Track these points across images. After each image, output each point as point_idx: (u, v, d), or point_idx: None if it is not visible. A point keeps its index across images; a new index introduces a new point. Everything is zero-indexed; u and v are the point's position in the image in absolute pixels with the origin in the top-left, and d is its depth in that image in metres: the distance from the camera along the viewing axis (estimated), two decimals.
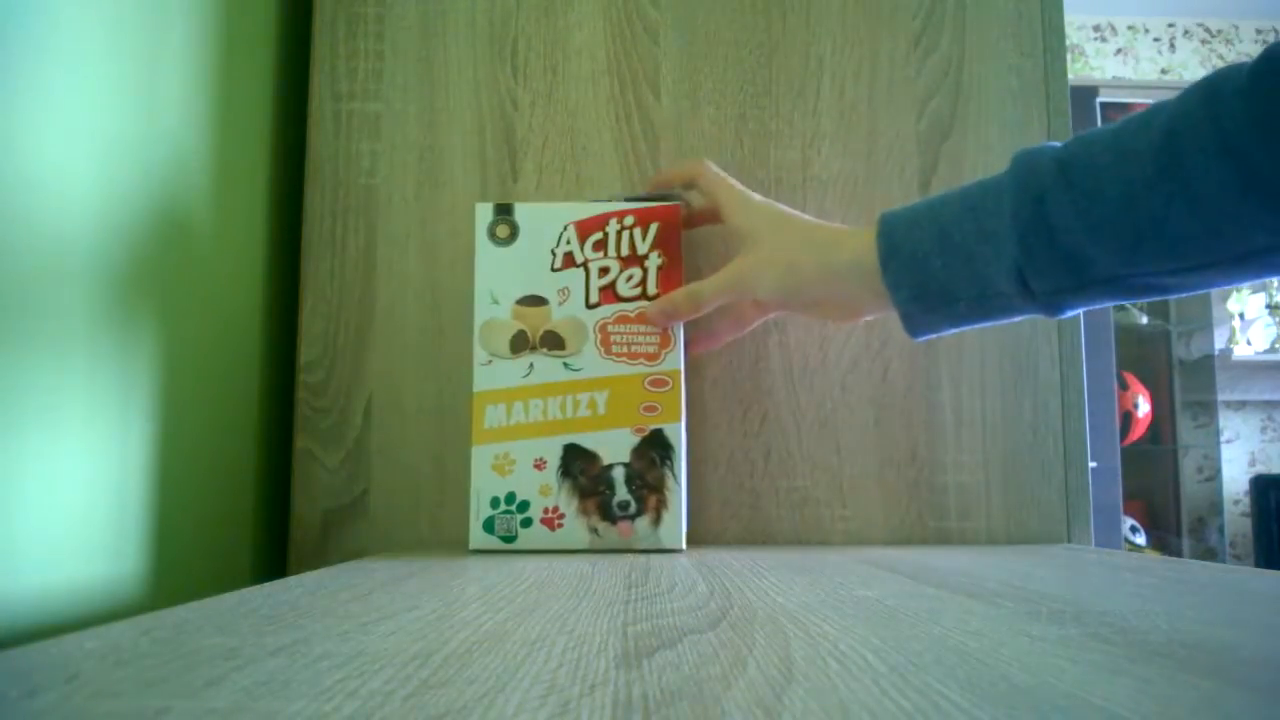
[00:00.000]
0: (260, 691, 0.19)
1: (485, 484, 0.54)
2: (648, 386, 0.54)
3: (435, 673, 0.21)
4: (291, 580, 0.40)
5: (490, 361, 0.55)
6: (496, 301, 0.55)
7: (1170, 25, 2.86)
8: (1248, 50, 2.84)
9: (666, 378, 0.54)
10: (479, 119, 0.65)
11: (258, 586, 0.37)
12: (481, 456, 0.54)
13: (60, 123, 0.39)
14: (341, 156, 0.64)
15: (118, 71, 0.43)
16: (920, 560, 0.49)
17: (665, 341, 0.55)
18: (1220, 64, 2.81)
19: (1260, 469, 2.63)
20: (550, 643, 0.25)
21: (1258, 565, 2.32)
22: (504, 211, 0.56)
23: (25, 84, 0.37)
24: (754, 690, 0.19)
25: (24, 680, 0.21)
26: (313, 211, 0.64)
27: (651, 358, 0.54)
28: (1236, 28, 2.89)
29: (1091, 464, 0.66)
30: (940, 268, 0.44)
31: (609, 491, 0.54)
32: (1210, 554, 2.50)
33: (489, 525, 0.54)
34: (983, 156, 0.66)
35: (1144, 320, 2.52)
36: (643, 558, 0.51)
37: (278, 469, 0.62)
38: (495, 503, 0.54)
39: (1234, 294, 2.55)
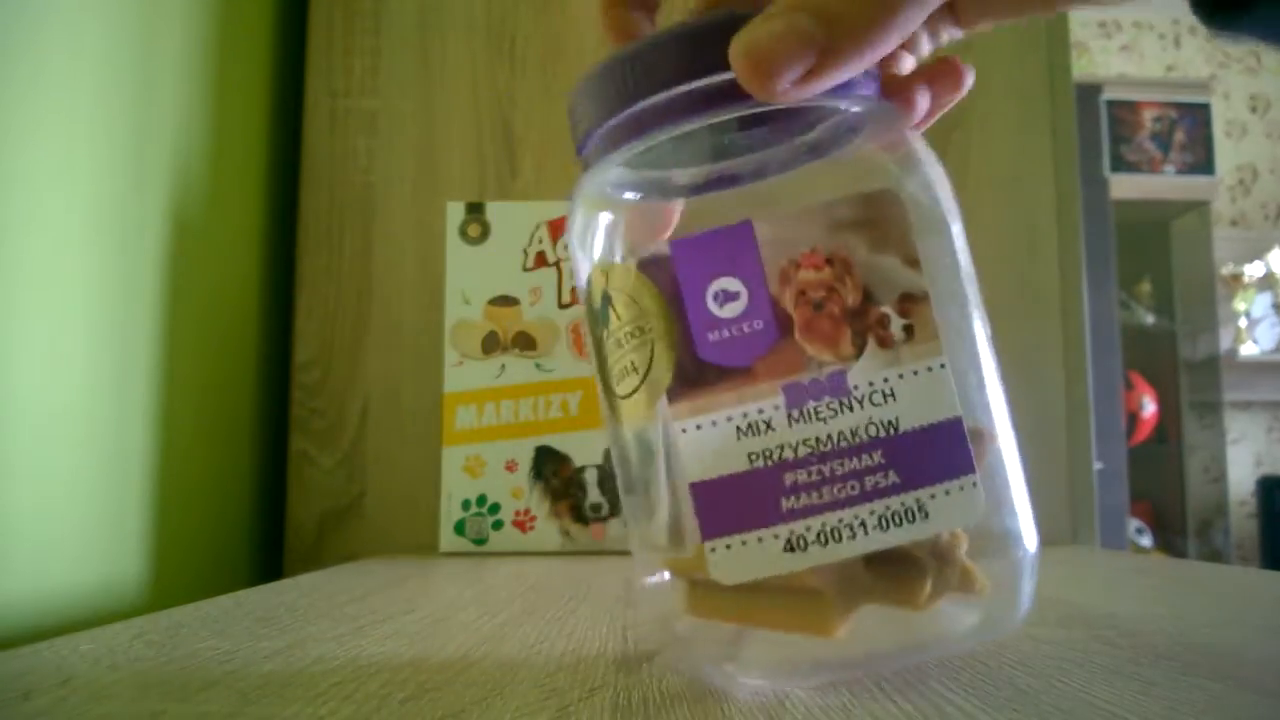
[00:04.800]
0: (256, 695, 0.19)
1: (456, 486, 0.54)
2: None
3: (432, 676, 0.21)
4: (287, 583, 0.40)
5: (461, 362, 0.54)
6: (468, 301, 0.55)
7: (1175, 22, 2.86)
8: (1253, 47, 2.83)
9: None
10: (477, 115, 0.65)
11: (253, 589, 0.37)
12: (452, 458, 0.54)
13: (56, 120, 0.39)
14: (338, 153, 0.64)
15: (113, 68, 0.43)
16: None
17: None
18: (1226, 61, 2.80)
19: (1266, 470, 2.62)
20: (549, 646, 0.25)
21: (1263, 567, 2.32)
22: (475, 210, 0.56)
23: (20, 80, 0.36)
24: (756, 694, 0.19)
25: (19, 682, 0.20)
26: (309, 209, 0.63)
27: None
28: None
29: (1097, 465, 0.65)
30: None
31: (581, 494, 0.53)
32: (1216, 556, 2.49)
33: (460, 527, 0.53)
34: (987, 154, 0.66)
35: (1150, 320, 2.52)
36: None
37: (273, 470, 0.62)
38: (466, 505, 0.54)
39: (1240, 293, 2.54)
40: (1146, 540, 2.37)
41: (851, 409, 0.18)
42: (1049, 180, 0.66)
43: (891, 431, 0.18)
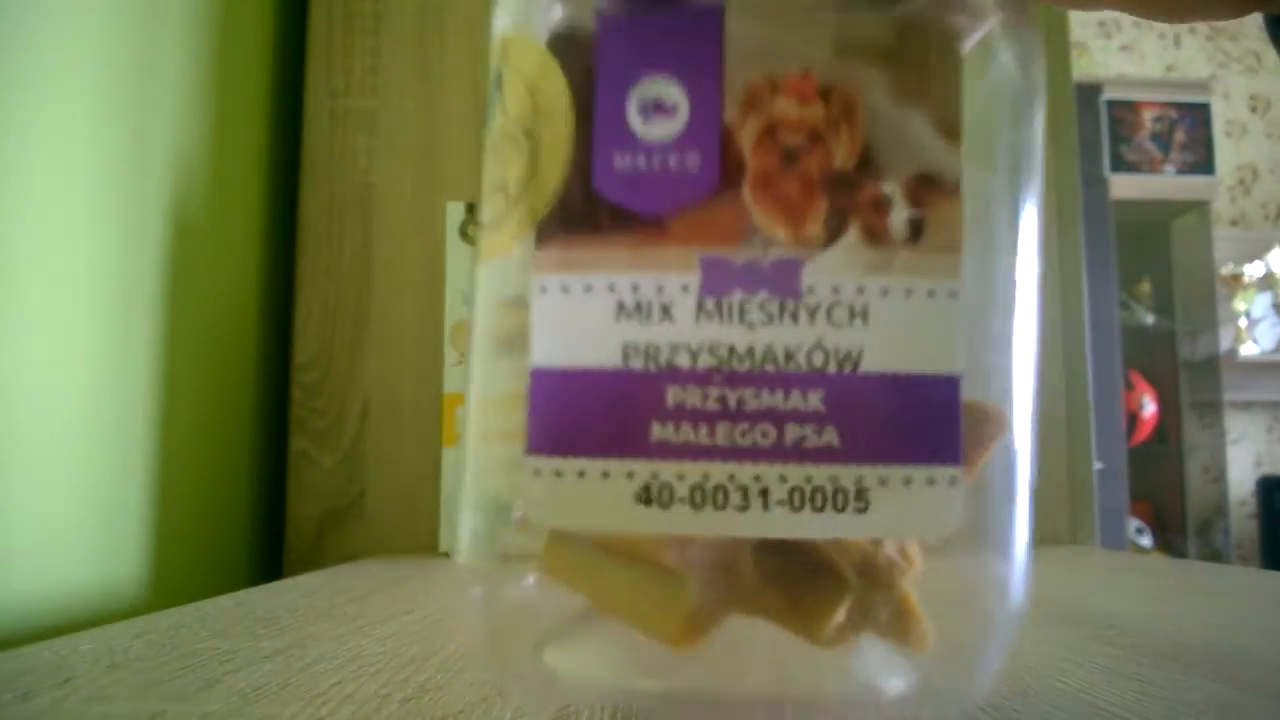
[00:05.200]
0: (256, 695, 0.19)
1: (456, 486, 0.53)
2: None
3: (433, 676, 0.21)
4: (287, 582, 0.39)
5: (461, 362, 0.54)
6: (467, 302, 0.55)
7: None
8: (1253, 46, 2.83)
9: None
10: (477, 115, 0.65)
11: (254, 589, 0.37)
12: (452, 458, 0.54)
13: (54, 120, 0.39)
14: (338, 153, 0.64)
15: (112, 68, 0.43)
16: None
17: None
18: (1226, 61, 2.80)
19: (1266, 470, 2.62)
20: None
21: (1263, 567, 2.31)
22: (476, 210, 0.56)
23: (19, 80, 0.36)
24: (757, 694, 0.19)
25: (18, 682, 0.20)
26: (308, 209, 0.63)
27: None
28: (1242, 23, 2.88)
29: (1097, 465, 0.65)
30: None
31: None
32: (1216, 556, 2.48)
33: None
34: None
35: (1150, 320, 2.51)
36: None
37: (273, 470, 0.62)
38: None
39: (1240, 293, 2.53)
40: (1146, 540, 2.37)
41: (796, 319, 0.12)
42: (1049, 180, 0.66)
43: (847, 368, 0.12)
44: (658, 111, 0.13)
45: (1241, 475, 2.62)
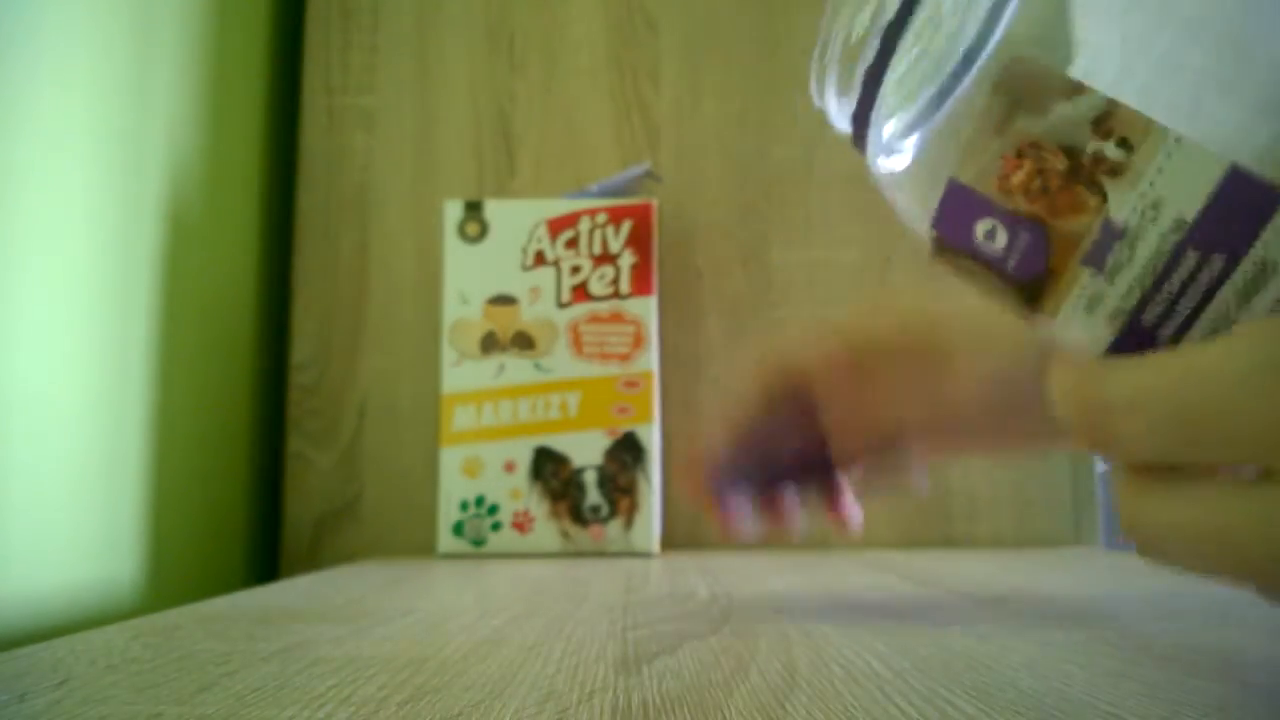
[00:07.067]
0: (253, 698, 0.19)
1: (454, 487, 0.53)
2: (620, 388, 0.54)
3: (430, 679, 0.21)
4: (284, 584, 0.39)
5: (460, 362, 0.54)
6: (466, 301, 0.55)
7: None
8: None
9: (639, 379, 0.54)
10: (475, 113, 0.65)
11: (250, 590, 0.37)
12: (450, 459, 0.54)
13: (51, 120, 0.38)
14: (335, 151, 0.64)
15: (108, 66, 0.43)
16: (927, 564, 0.49)
17: (638, 341, 0.54)
18: None
19: None
20: (547, 648, 0.25)
21: None
22: (473, 208, 0.56)
23: (15, 76, 0.36)
24: (756, 697, 0.19)
25: (14, 684, 0.20)
26: (306, 207, 0.63)
27: (624, 358, 0.54)
28: None
29: (1100, 465, 0.65)
30: None
31: (580, 495, 0.53)
32: None
33: (458, 529, 0.53)
34: None
35: None
36: (642, 562, 0.51)
37: (270, 471, 0.61)
38: (464, 506, 0.53)
39: None
40: None
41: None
42: None
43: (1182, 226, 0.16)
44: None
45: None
